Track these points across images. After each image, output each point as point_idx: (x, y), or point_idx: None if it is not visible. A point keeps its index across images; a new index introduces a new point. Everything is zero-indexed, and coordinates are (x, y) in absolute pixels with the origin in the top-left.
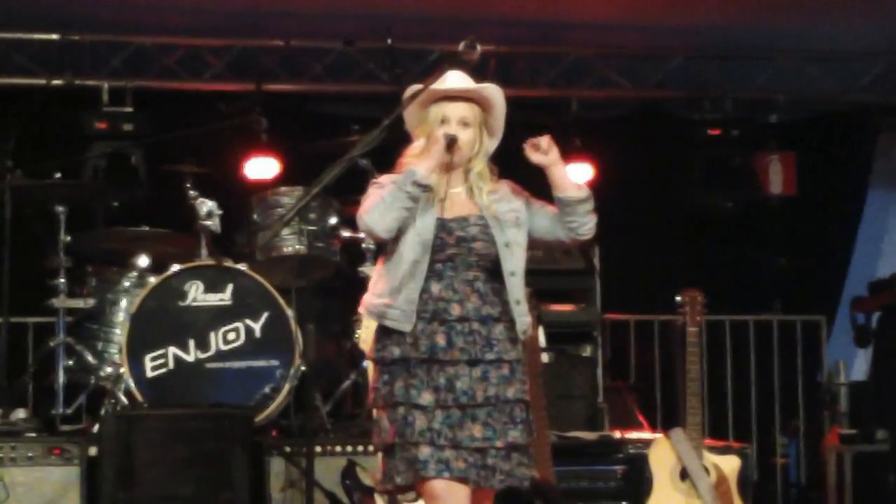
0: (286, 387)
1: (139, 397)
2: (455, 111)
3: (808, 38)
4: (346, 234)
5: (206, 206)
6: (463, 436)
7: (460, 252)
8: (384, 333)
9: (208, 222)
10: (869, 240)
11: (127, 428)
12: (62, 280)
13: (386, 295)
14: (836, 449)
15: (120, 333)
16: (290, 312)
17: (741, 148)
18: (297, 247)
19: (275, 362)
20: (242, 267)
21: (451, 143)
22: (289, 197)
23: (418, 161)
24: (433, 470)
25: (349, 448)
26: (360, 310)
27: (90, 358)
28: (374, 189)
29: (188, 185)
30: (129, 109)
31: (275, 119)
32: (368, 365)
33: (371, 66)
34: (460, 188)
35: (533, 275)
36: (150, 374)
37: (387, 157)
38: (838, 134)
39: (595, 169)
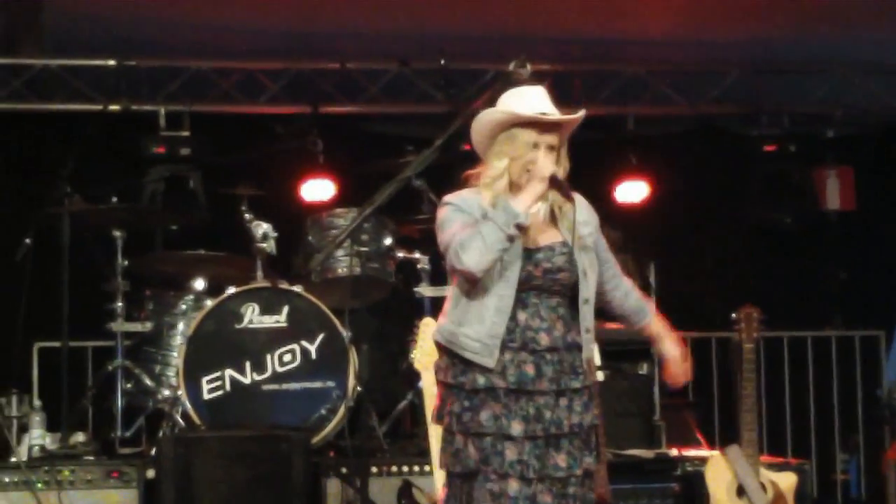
0: (342, 407)
1: (196, 419)
2: (546, 137)
3: (865, 51)
4: (401, 254)
5: (262, 228)
6: (549, 465)
7: (545, 282)
8: (462, 361)
9: (264, 244)
10: None
11: (185, 450)
12: (120, 304)
13: (466, 325)
14: None
15: (177, 356)
16: (345, 333)
17: (799, 163)
18: (351, 268)
19: (331, 383)
20: (297, 289)
21: (555, 183)
22: (343, 218)
23: (519, 197)
24: None
25: (405, 468)
26: (436, 337)
27: (148, 381)
28: (452, 213)
29: (244, 208)
30: (187, 133)
31: (331, 141)
32: (424, 384)
33: (425, 87)
34: (537, 207)
35: None
36: (206, 396)
37: (441, 176)
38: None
39: (651, 186)
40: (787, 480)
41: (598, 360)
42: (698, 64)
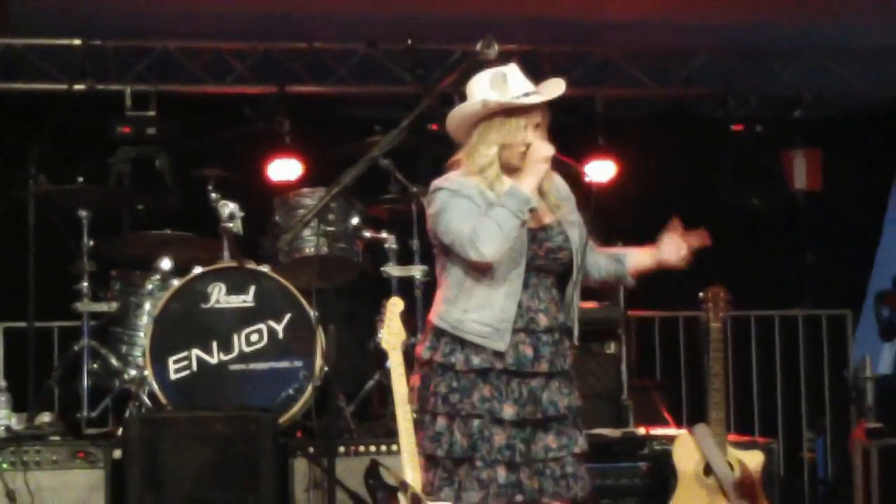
0: (309, 388)
1: (163, 400)
2: (531, 118)
3: (834, 34)
4: (368, 234)
5: (228, 208)
6: (537, 448)
7: (547, 263)
8: (455, 340)
9: (230, 224)
10: (894, 234)
11: (151, 431)
12: (86, 284)
13: (473, 311)
14: (863, 443)
15: (143, 336)
16: (312, 313)
17: (767, 145)
18: (318, 248)
19: (298, 363)
20: (265, 269)
21: (558, 162)
22: (311, 198)
23: (524, 180)
24: (504, 494)
25: (373, 448)
26: (438, 324)
27: (114, 361)
28: (451, 199)
29: (210, 188)
30: (153, 114)
31: (298, 121)
32: (392, 364)
33: (393, 68)
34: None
35: None
36: (173, 376)
37: (408, 157)
38: (863, 130)
39: (619, 167)
40: (754, 459)
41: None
42: (667, 46)
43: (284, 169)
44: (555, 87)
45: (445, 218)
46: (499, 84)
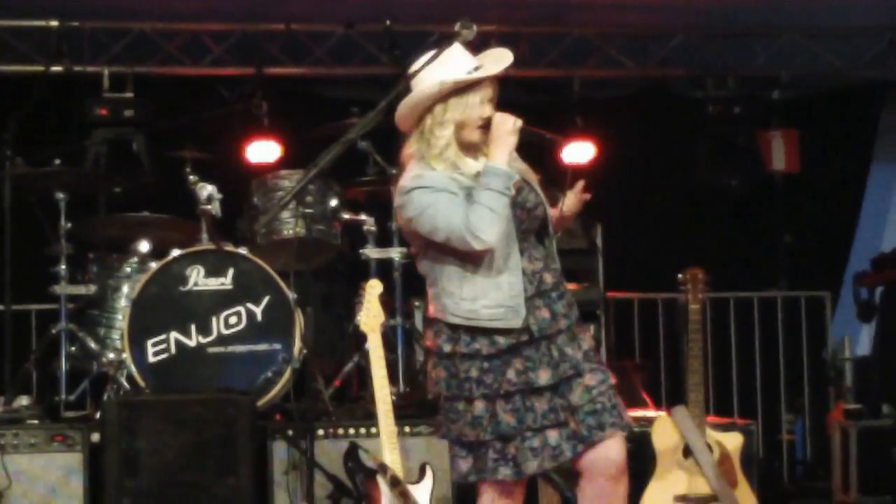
0: (288, 370)
1: (141, 383)
2: (484, 92)
3: (812, 14)
4: (346, 216)
5: (206, 190)
6: (576, 395)
7: (528, 222)
8: (474, 330)
9: (208, 207)
10: (872, 215)
11: (129, 414)
12: (63, 267)
13: (482, 297)
14: (842, 424)
15: (121, 319)
16: (291, 295)
17: (744, 125)
18: (296, 230)
19: (277, 346)
20: (243, 251)
21: (526, 132)
22: (289, 180)
23: (496, 156)
24: (568, 451)
25: (352, 431)
26: (449, 319)
27: (92, 344)
28: (430, 195)
29: (188, 170)
30: (130, 95)
31: (276, 103)
32: (370, 346)
33: (371, 49)
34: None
35: None
36: (151, 359)
37: (386, 138)
38: (841, 110)
39: (597, 148)
40: (733, 441)
41: None
42: (645, 27)
43: (262, 151)
44: (502, 57)
45: (429, 217)
46: (445, 64)
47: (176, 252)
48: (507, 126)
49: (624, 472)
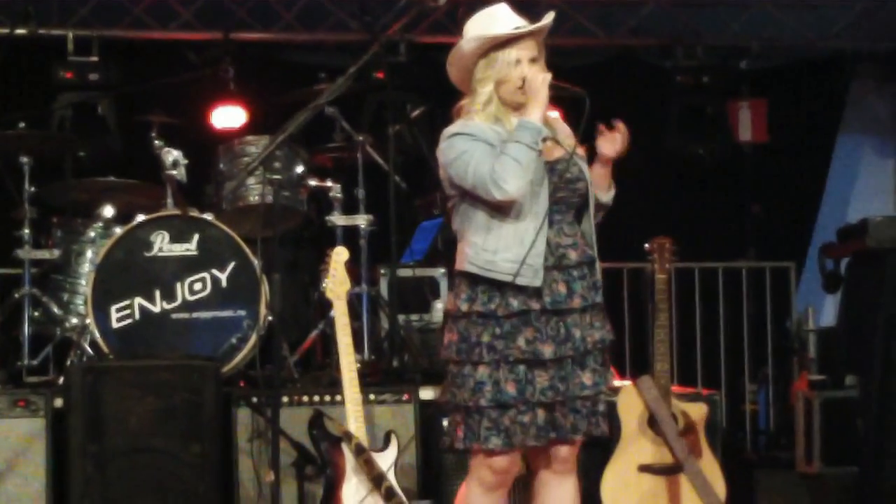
0: (253, 337)
1: (105, 348)
2: (525, 51)
3: None
4: (313, 183)
5: (172, 155)
6: (574, 386)
7: (567, 194)
8: (492, 286)
9: (174, 172)
10: (839, 186)
11: (93, 379)
12: (27, 231)
13: (504, 250)
14: (805, 395)
15: (85, 284)
16: (256, 262)
17: (713, 95)
18: (263, 196)
19: (242, 312)
20: (208, 217)
21: (556, 87)
22: (255, 146)
23: (531, 111)
24: (542, 434)
25: (316, 398)
26: (466, 268)
27: (56, 309)
28: (468, 143)
29: (154, 135)
30: (96, 59)
31: (243, 68)
32: (336, 313)
33: (341, 15)
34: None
35: None
36: (115, 325)
37: (354, 104)
38: (810, 81)
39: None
40: (697, 411)
41: None
42: None
43: (229, 116)
44: (542, 20)
45: (463, 163)
46: (488, 21)
47: (141, 217)
48: (537, 82)
49: (571, 472)
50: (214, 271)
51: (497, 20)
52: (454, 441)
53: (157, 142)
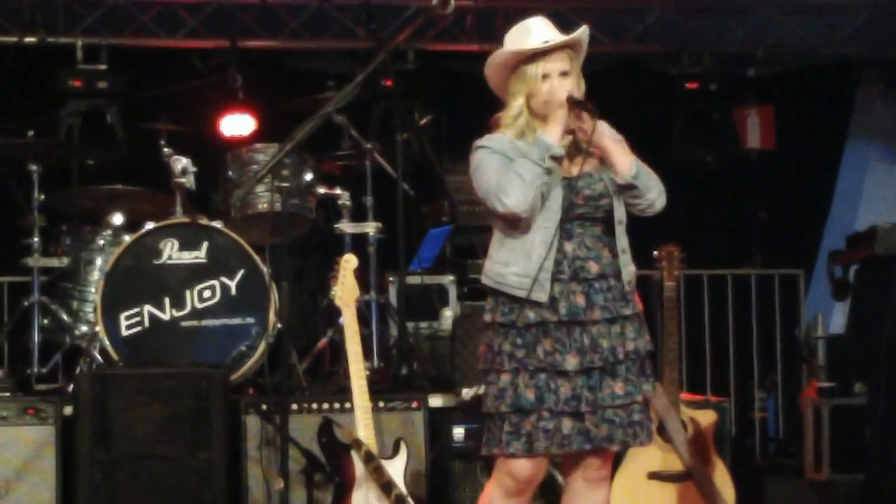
0: (262, 345)
1: (114, 356)
2: (554, 65)
3: None
4: (321, 190)
5: (181, 163)
6: (605, 395)
7: (588, 210)
8: (511, 299)
9: (182, 179)
10: (847, 193)
11: (102, 387)
12: (36, 239)
13: (513, 264)
14: (814, 402)
15: (95, 292)
16: (265, 269)
17: (720, 102)
18: (272, 204)
19: (250, 320)
20: (217, 224)
21: (574, 104)
22: (264, 154)
23: (548, 128)
24: (576, 444)
25: (325, 406)
26: (484, 281)
27: (65, 317)
28: (487, 156)
29: (162, 143)
30: (104, 67)
31: (251, 76)
32: (345, 320)
33: (347, 22)
34: (568, 137)
35: None
36: (125, 332)
37: (362, 112)
38: (817, 87)
39: None
40: (706, 418)
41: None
42: (621, 3)
43: (237, 124)
44: (574, 34)
45: (479, 174)
46: (522, 35)
47: (150, 225)
48: (555, 98)
49: (604, 479)
50: (223, 279)
51: (530, 33)
52: (481, 447)
53: (165, 150)
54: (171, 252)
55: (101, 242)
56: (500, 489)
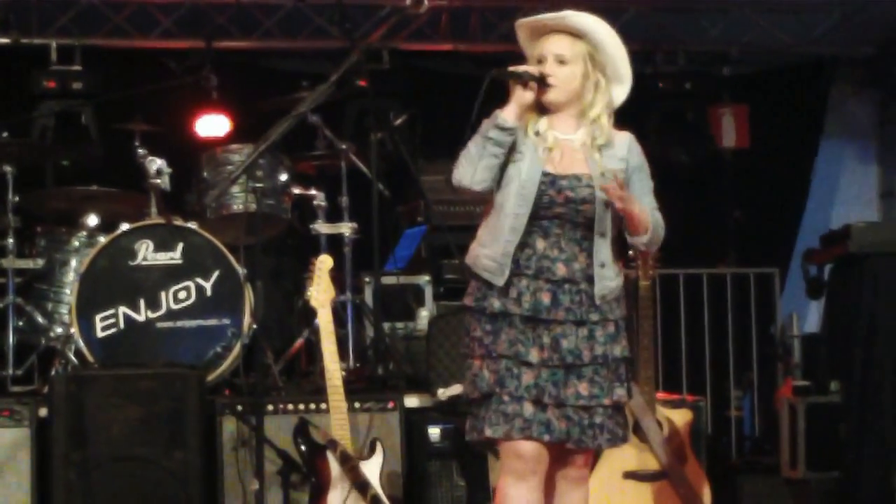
0: (237, 345)
1: (90, 357)
2: (551, 47)
3: None
4: (296, 190)
5: (156, 164)
6: (568, 394)
7: (568, 212)
8: (485, 284)
9: (158, 180)
10: (821, 192)
11: (78, 388)
12: (11, 240)
13: (486, 246)
14: (790, 401)
15: (70, 294)
16: (240, 270)
17: (694, 101)
18: (247, 204)
19: (226, 321)
20: (192, 225)
21: (527, 81)
22: (239, 154)
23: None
24: (535, 431)
25: (301, 406)
26: (466, 261)
27: (40, 318)
28: (473, 139)
29: (137, 144)
30: (78, 68)
31: (225, 76)
32: (320, 321)
33: (321, 22)
34: (574, 136)
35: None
36: (100, 334)
37: (336, 112)
38: (791, 86)
39: None
40: (682, 417)
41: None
42: (596, 1)
43: (212, 124)
44: (556, 13)
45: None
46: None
47: (125, 226)
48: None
49: (583, 479)
50: (199, 280)
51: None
52: (468, 432)
53: (140, 150)
54: (147, 253)
55: (76, 244)
56: (510, 475)
